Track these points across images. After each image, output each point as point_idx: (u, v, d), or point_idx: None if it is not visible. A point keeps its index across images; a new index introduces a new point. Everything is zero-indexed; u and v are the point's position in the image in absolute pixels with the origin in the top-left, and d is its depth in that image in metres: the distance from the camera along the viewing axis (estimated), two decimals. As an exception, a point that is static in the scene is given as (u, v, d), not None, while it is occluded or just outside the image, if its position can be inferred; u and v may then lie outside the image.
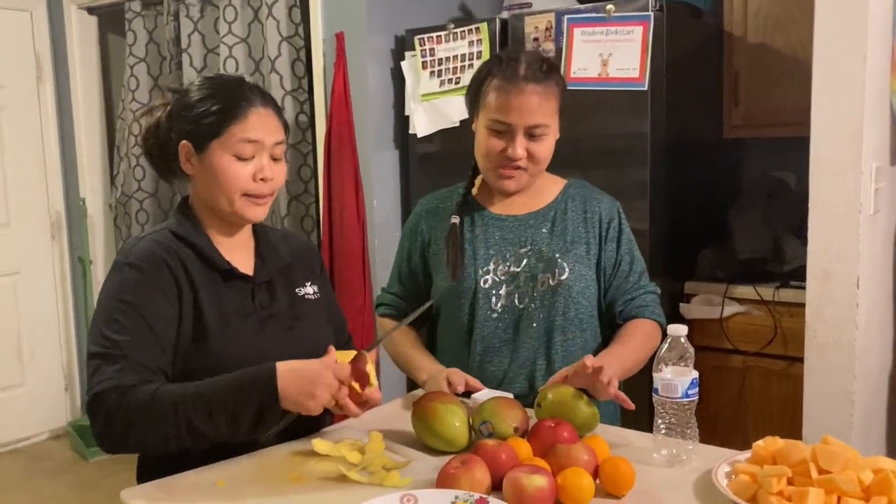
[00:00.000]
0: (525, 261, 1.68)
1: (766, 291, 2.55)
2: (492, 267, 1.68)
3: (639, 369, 1.67)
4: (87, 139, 4.04)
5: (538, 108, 1.58)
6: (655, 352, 1.36)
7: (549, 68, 1.62)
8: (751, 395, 2.61)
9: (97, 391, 1.29)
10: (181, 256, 1.43)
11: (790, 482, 1.14)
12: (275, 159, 1.45)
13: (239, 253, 1.51)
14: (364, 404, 1.38)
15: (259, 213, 1.47)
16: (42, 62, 4.00)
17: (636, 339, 1.65)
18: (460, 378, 1.57)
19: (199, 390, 1.29)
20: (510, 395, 1.50)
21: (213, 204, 1.46)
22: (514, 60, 1.61)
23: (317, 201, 3.22)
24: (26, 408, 4.04)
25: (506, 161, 1.62)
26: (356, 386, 1.32)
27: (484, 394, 1.54)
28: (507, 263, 1.68)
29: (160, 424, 1.28)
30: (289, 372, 1.28)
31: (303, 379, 1.28)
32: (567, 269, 1.66)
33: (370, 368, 1.35)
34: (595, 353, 1.69)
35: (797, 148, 2.24)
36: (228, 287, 1.46)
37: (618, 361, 1.56)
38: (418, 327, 1.83)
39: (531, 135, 1.60)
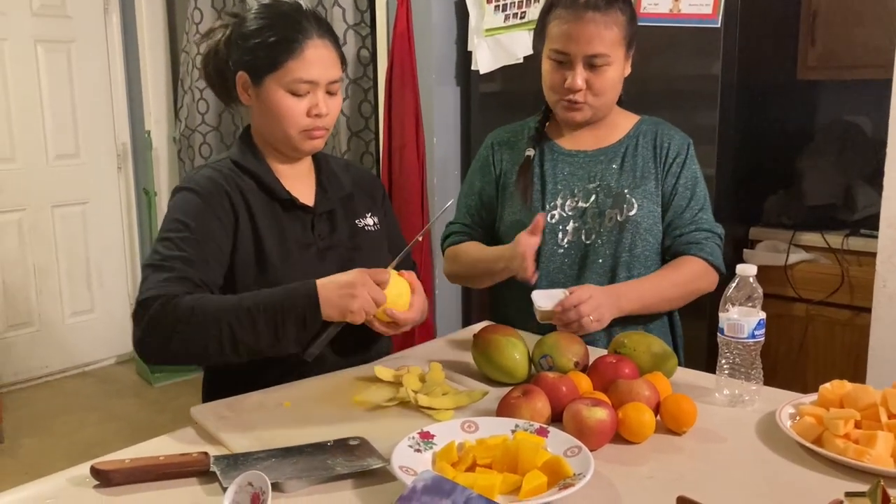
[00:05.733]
0: (593, 196, 1.66)
1: (835, 239, 2.48)
2: (559, 202, 1.67)
3: (669, 308, 1.65)
4: (153, 72, 4.08)
5: (598, 36, 1.54)
6: (722, 292, 1.33)
7: None
8: (813, 344, 2.57)
9: (142, 298, 1.31)
10: (241, 186, 1.45)
11: (857, 426, 1.12)
12: (330, 94, 1.46)
13: (300, 183, 1.52)
14: (391, 324, 1.39)
15: (316, 145, 1.48)
16: (109, -7, 4.04)
17: (672, 277, 1.61)
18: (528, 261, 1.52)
19: (242, 301, 1.30)
20: (567, 292, 1.48)
21: (270, 136, 1.47)
22: None
23: (377, 138, 3.22)
24: (95, 333, 4.21)
25: (567, 92, 1.59)
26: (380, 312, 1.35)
27: (543, 294, 1.51)
28: (575, 199, 1.66)
29: (202, 334, 1.28)
30: (328, 281, 1.31)
31: (341, 281, 1.30)
32: (636, 205, 1.63)
33: (402, 288, 1.38)
34: None
35: (874, 91, 2.16)
36: (288, 217, 1.47)
37: (636, 294, 1.55)
38: None
39: (591, 65, 1.57)
